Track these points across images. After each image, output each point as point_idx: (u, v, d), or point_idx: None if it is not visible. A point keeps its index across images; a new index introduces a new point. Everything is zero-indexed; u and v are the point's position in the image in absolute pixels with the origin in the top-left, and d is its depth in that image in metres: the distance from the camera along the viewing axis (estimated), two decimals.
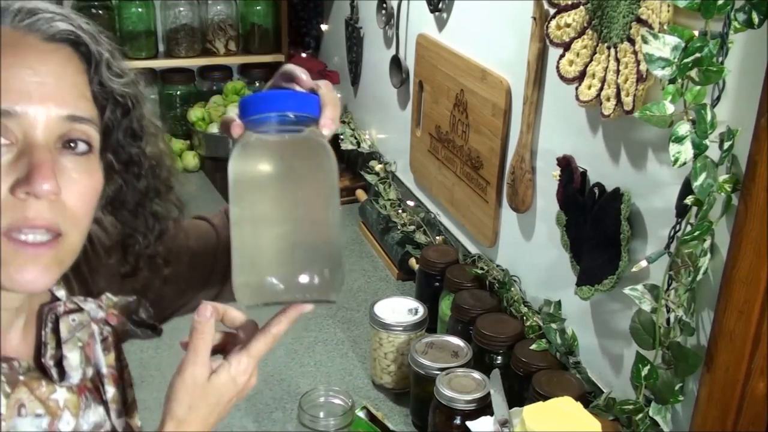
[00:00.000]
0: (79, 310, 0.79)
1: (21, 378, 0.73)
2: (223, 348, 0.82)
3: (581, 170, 1.32)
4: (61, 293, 0.80)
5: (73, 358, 0.76)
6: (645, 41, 1.01)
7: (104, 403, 0.81)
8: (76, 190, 0.70)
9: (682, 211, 1.08)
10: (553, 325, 1.43)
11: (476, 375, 1.37)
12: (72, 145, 0.70)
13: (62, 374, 0.76)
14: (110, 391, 0.82)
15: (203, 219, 1.02)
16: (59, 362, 0.76)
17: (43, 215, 0.67)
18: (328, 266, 0.73)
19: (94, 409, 0.80)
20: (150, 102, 0.82)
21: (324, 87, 0.79)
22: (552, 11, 1.28)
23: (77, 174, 0.70)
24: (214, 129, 2.63)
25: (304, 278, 0.72)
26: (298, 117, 0.76)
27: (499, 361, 1.46)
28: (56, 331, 0.77)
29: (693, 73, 1.00)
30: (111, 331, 0.83)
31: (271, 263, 0.73)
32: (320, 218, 0.75)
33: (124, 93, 0.77)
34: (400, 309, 1.59)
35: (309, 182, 0.75)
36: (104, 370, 0.81)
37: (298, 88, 0.79)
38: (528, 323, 1.48)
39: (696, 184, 1.01)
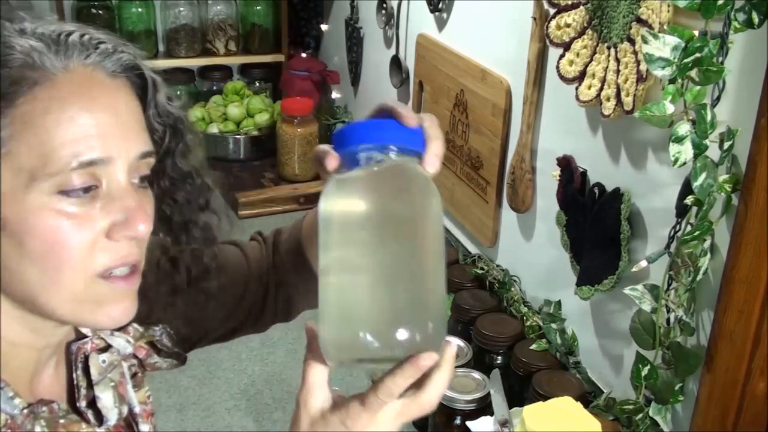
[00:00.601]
0: (108, 347, 0.77)
1: (61, 422, 0.71)
2: None
3: (581, 170, 1.32)
4: (85, 329, 0.77)
5: (106, 398, 0.74)
6: (645, 41, 1.00)
7: None
8: (150, 221, 0.69)
9: (682, 211, 1.08)
10: (553, 325, 1.43)
11: (476, 375, 1.37)
12: (142, 179, 0.69)
13: (99, 416, 0.74)
14: (145, 428, 0.80)
15: (233, 244, 0.98)
16: (92, 403, 0.74)
17: (134, 252, 0.67)
18: (431, 320, 0.64)
19: None
20: (188, 112, 0.79)
21: (428, 120, 0.72)
22: (552, 11, 1.28)
23: (148, 206, 0.69)
24: (214, 129, 2.63)
25: (402, 334, 0.62)
26: (402, 151, 0.68)
27: (499, 361, 1.46)
28: (87, 370, 0.75)
29: (693, 73, 1.00)
30: (138, 364, 0.81)
31: (367, 317, 0.64)
32: (425, 266, 0.66)
33: (179, 115, 0.74)
34: None
35: (414, 224, 0.66)
36: (137, 409, 0.79)
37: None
38: (528, 323, 1.48)
39: (696, 184, 1.01)
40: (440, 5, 1.83)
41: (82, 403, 0.73)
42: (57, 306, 0.65)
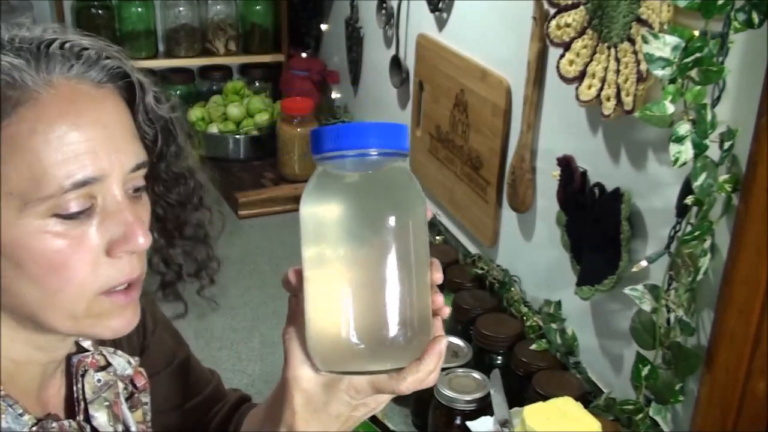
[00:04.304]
0: (107, 365, 0.76)
1: None
2: None
3: (581, 170, 1.32)
4: (87, 343, 0.77)
5: (100, 417, 0.73)
6: (645, 41, 1.00)
7: None
8: (147, 231, 0.67)
9: (682, 211, 1.08)
10: (553, 325, 1.43)
11: (476, 375, 1.37)
12: (136, 191, 0.67)
13: None
14: None
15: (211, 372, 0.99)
16: (87, 418, 0.73)
17: (135, 266, 0.66)
18: (417, 325, 0.64)
19: None
20: (179, 110, 0.76)
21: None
22: (552, 11, 1.28)
23: (145, 215, 0.68)
24: (214, 129, 2.63)
25: (390, 336, 0.63)
26: (384, 154, 0.63)
27: (499, 361, 1.46)
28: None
29: (693, 73, 1.00)
30: (132, 387, 0.80)
31: (352, 321, 0.63)
32: (410, 272, 0.64)
33: (170, 117, 0.72)
34: None
35: (401, 225, 0.63)
36: (133, 429, 0.78)
37: None
38: (528, 323, 1.48)
39: (696, 184, 1.01)
40: (440, 5, 1.83)
41: (80, 417, 0.72)
42: (57, 323, 0.65)
